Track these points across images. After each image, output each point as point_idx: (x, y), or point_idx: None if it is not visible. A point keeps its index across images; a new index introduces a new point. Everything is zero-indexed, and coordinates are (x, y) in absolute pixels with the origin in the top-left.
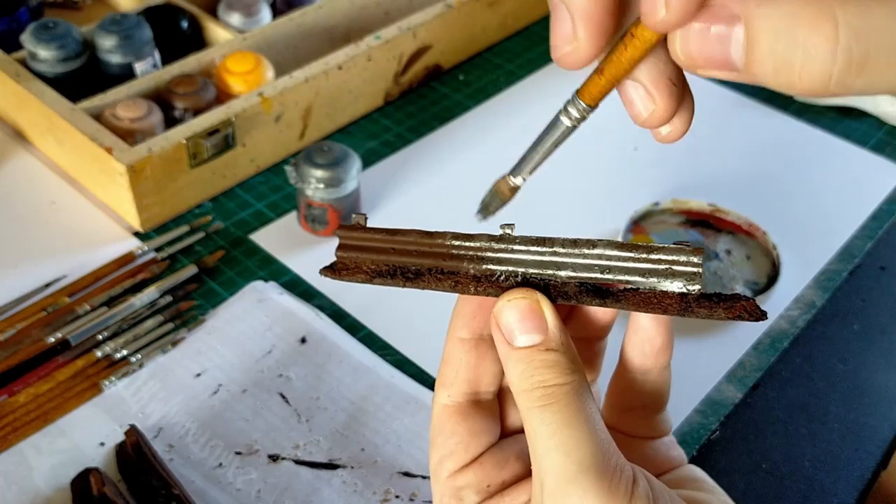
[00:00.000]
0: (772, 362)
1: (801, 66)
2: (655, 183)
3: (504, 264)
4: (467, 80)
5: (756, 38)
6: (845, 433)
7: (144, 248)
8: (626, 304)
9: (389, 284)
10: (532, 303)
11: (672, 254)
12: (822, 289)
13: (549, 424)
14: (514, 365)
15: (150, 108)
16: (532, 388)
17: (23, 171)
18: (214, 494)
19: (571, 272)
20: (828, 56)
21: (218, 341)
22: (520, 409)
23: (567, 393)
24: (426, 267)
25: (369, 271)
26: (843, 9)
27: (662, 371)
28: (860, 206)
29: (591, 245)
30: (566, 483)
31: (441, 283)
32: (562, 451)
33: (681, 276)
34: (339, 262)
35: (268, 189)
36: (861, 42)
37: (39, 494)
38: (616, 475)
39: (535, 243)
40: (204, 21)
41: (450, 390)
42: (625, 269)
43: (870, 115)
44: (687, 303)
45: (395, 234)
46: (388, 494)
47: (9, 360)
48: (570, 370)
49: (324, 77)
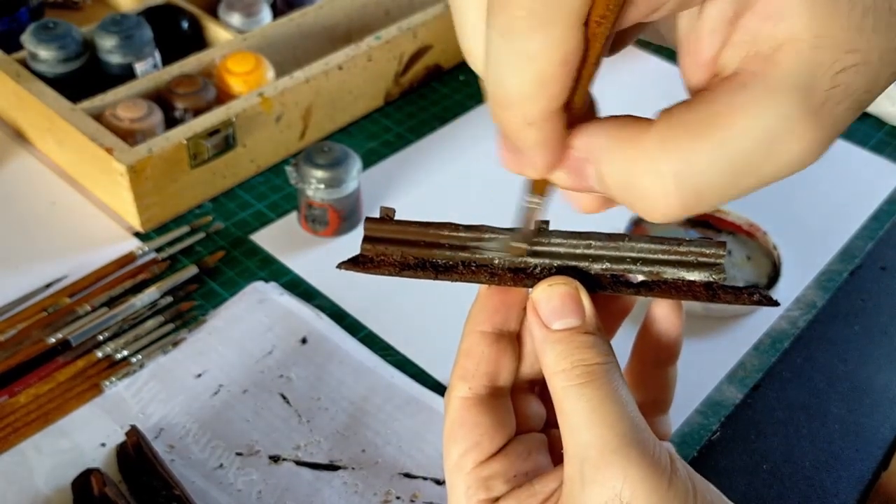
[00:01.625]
0: (772, 363)
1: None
2: None
3: (539, 257)
4: (467, 80)
5: (604, 179)
6: (845, 433)
7: (145, 249)
8: (657, 293)
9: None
10: (571, 289)
11: (698, 246)
12: (822, 289)
13: (589, 400)
14: (553, 346)
15: (151, 109)
16: (572, 367)
17: (23, 171)
18: (215, 495)
19: (606, 264)
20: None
21: (219, 342)
22: (555, 391)
23: (606, 371)
24: (459, 259)
25: (397, 264)
26: (668, 160)
27: (671, 368)
28: (860, 206)
29: (625, 238)
30: (610, 453)
31: (476, 276)
32: (605, 425)
33: (706, 266)
34: (363, 255)
35: (268, 189)
36: (689, 186)
37: (40, 495)
38: (656, 450)
39: (570, 237)
40: (204, 21)
41: (471, 383)
42: (656, 261)
43: (870, 116)
44: (713, 290)
45: (427, 227)
46: (388, 495)
47: (9, 361)
48: (607, 352)
49: (324, 77)
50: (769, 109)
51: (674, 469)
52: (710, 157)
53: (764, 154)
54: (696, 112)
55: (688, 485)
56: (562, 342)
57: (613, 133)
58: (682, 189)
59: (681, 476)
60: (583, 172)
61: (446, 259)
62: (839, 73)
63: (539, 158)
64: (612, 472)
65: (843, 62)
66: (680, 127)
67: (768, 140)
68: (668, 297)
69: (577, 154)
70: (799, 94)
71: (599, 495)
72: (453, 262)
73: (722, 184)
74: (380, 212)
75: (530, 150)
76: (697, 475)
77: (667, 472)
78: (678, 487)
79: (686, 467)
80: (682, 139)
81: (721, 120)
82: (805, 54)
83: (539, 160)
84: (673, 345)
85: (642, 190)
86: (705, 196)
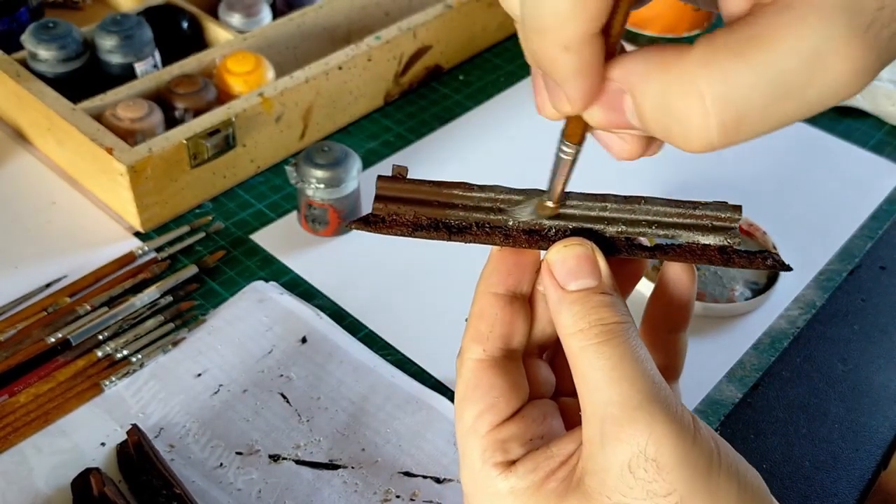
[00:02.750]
0: (772, 362)
1: (682, 133)
2: (656, 183)
3: (555, 218)
4: (467, 81)
5: (641, 107)
6: (845, 433)
7: (145, 249)
8: (672, 256)
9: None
10: (587, 250)
11: (714, 210)
12: (822, 289)
13: (609, 358)
14: (570, 306)
15: (151, 109)
16: (590, 326)
17: (23, 171)
18: (215, 494)
19: (622, 227)
20: (702, 125)
21: (218, 341)
22: (572, 352)
23: (624, 330)
24: (473, 220)
25: (410, 224)
26: (708, 80)
27: (682, 334)
28: (860, 206)
29: (641, 201)
30: (633, 409)
31: (490, 237)
32: (627, 381)
33: (721, 230)
34: (374, 214)
35: (268, 189)
36: (731, 108)
37: (40, 495)
38: (679, 408)
39: (586, 199)
40: (204, 21)
41: (485, 345)
42: (671, 224)
43: (870, 115)
44: (728, 254)
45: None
46: (388, 494)
47: (9, 360)
48: (624, 311)
49: (324, 77)
50: (814, 29)
51: (697, 427)
52: (753, 78)
53: (808, 75)
54: (738, 34)
55: (711, 444)
56: (578, 302)
57: (652, 59)
58: (723, 111)
59: (704, 434)
60: (619, 106)
61: (460, 220)
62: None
63: (576, 88)
64: (637, 429)
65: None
66: (721, 48)
67: (813, 60)
68: (683, 260)
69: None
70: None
71: (623, 452)
72: (467, 222)
73: (764, 107)
74: (392, 170)
75: (567, 79)
76: (721, 438)
77: (690, 429)
78: (702, 445)
79: (708, 428)
80: (723, 60)
81: (764, 40)
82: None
83: (576, 90)
84: (685, 309)
85: (681, 115)
86: (746, 120)
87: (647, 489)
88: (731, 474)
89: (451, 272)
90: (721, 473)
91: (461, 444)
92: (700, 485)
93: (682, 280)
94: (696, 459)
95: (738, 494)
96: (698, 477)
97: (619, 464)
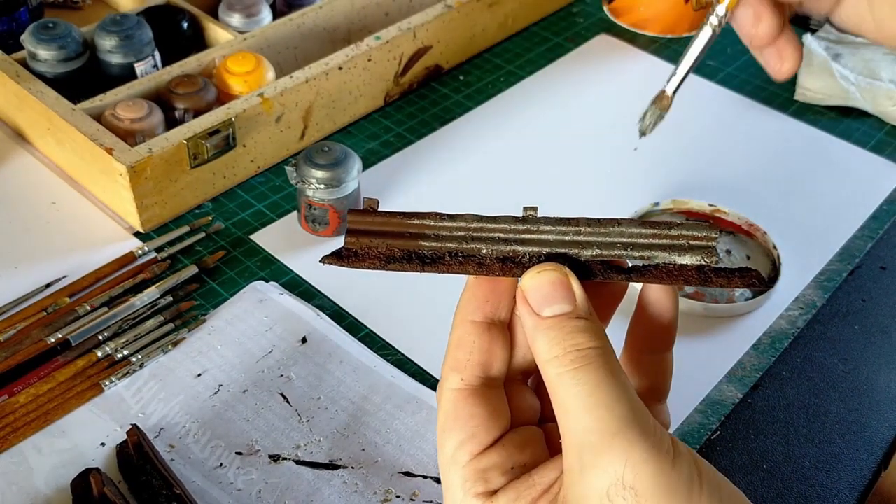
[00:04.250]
0: (772, 362)
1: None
2: (655, 183)
3: (528, 245)
4: (467, 81)
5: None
6: (845, 433)
7: (145, 249)
8: (649, 278)
9: (405, 270)
10: (561, 275)
11: (690, 229)
12: (822, 289)
13: (585, 384)
14: (545, 333)
15: (151, 109)
16: (565, 353)
17: (23, 171)
18: (215, 495)
19: (596, 250)
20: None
21: (218, 341)
22: (549, 379)
23: (601, 355)
24: (446, 250)
25: (382, 256)
26: None
27: (667, 355)
28: (860, 206)
29: (615, 223)
30: (611, 437)
31: (463, 267)
32: (603, 407)
33: (698, 250)
34: (347, 248)
35: (268, 189)
36: None
37: (39, 495)
38: (657, 432)
39: (559, 223)
40: (204, 21)
41: (463, 374)
42: (647, 246)
43: (870, 116)
44: (706, 274)
45: (412, 218)
46: (388, 494)
47: (9, 361)
48: (601, 336)
49: (324, 77)
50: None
51: (677, 451)
52: None
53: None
54: None
55: (692, 467)
56: (553, 328)
57: None
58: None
59: (684, 458)
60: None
61: (433, 250)
62: None
63: None
64: (614, 456)
65: None
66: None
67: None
68: (660, 282)
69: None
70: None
71: (601, 480)
72: (440, 252)
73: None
74: (363, 203)
75: None
76: (703, 459)
77: (670, 453)
78: (681, 469)
79: (690, 451)
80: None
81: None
82: None
83: None
84: (667, 330)
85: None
86: None
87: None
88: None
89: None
90: (703, 497)
91: (443, 475)
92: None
93: (663, 301)
94: (676, 484)
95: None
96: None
97: (597, 492)
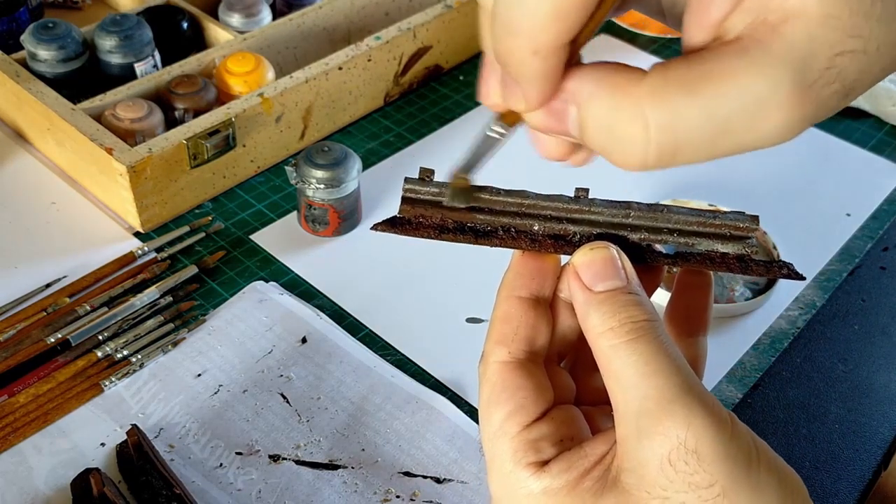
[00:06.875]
0: (772, 362)
1: (621, 153)
2: (655, 183)
3: (579, 224)
4: (467, 81)
5: (585, 122)
6: (845, 433)
7: (145, 249)
8: (693, 263)
9: (458, 241)
10: (612, 253)
11: (732, 220)
12: (822, 289)
13: (642, 354)
14: (598, 307)
15: (151, 109)
16: (620, 325)
17: (23, 171)
18: (215, 495)
19: (644, 233)
20: (640, 148)
21: (218, 341)
22: (602, 352)
23: (655, 328)
24: (499, 224)
25: (436, 226)
26: (654, 109)
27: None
28: (860, 206)
29: (663, 209)
30: (669, 402)
31: (516, 241)
32: (661, 376)
33: (739, 239)
34: (400, 216)
35: (268, 189)
36: (670, 137)
37: (39, 495)
38: (715, 401)
39: (611, 205)
40: (204, 21)
41: (510, 347)
42: (691, 233)
43: (870, 116)
44: (746, 263)
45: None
46: (388, 494)
47: (9, 361)
48: (653, 310)
49: (324, 77)
50: (763, 77)
51: (735, 422)
52: (698, 115)
53: (750, 120)
54: (692, 69)
55: (750, 439)
56: (606, 302)
57: (606, 79)
58: (663, 140)
59: (743, 428)
60: (563, 115)
61: (486, 224)
62: (837, 56)
63: (535, 92)
64: (675, 421)
65: (844, 45)
66: (674, 80)
67: (757, 107)
68: (703, 268)
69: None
70: (795, 67)
71: (662, 446)
72: (493, 226)
73: (702, 141)
74: (419, 172)
75: (528, 82)
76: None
77: (728, 423)
78: (741, 438)
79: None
80: (674, 92)
81: (715, 80)
82: (810, 30)
83: (534, 94)
84: (703, 312)
85: (623, 136)
86: (682, 151)
87: (689, 481)
88: (772, 469)
89: (451, 272)
90: (761, 467)
91: (489, 447)
92: (741, 477)
93: (699, 284)
94: (736, 452)
95: (779, 488)
96: (739, 469)
97: (658, 458)
